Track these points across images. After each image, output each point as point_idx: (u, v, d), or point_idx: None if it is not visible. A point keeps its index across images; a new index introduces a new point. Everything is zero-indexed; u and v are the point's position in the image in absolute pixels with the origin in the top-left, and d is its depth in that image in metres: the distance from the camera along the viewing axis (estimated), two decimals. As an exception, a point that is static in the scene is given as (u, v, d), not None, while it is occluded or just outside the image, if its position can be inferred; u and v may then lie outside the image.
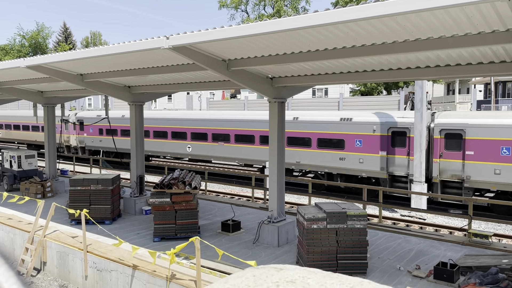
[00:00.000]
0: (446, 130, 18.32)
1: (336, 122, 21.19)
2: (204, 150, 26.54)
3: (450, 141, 18.25)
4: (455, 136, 18.10)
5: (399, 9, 5.39)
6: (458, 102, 45.43)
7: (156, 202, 11.54)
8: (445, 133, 18.39)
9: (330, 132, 21.31)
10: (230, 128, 25.23)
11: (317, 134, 21.85)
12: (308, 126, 22.23)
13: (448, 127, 18.26)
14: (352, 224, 9.09)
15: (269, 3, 58.63)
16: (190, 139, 27.30)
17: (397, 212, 18.87)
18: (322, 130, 21.59)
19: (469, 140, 17.69)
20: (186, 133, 27.51)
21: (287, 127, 22.73)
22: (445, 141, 18.39)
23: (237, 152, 24.95)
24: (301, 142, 22.68)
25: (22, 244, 12.82)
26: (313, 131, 21.98)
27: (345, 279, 1.66)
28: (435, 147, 18.58)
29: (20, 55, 59.39)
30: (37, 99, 18.79)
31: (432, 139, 18.84)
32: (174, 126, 28.05)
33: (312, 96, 49.27)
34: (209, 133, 26.19)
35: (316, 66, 9.73)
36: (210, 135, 26.13)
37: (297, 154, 22.67)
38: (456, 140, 18.11)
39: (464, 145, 17.78)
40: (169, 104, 60.88)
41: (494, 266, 9.01)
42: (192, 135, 27.23)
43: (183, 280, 9.02)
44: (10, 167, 18.90)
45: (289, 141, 22.91)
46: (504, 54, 7.71)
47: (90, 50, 9.80)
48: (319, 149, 21.85)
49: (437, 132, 18.55)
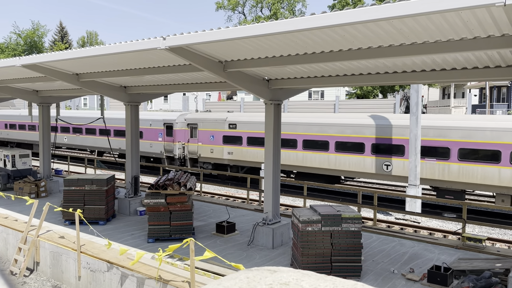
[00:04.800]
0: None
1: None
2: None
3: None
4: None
5: (395, 13, 5.41)
6: (453, 106, 45.67)
7: (151, 203, 11.50)
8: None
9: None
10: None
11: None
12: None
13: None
14: (346, 226, 9.10)
15: (266, 5, 58.75)
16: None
17: (391, 215, 18.91)
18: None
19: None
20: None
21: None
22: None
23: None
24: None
25: (15, 244, 12.73)
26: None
27: (339, 282, 1.66)
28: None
29: (15, 53, 59.10)
30: (32, 98, 18.71)
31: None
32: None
33: (308, 98, 49.35)
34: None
35: (312, 68, 9.75)
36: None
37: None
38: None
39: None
40: (165, 104, 60.76)
41: (487, 270, 9.05)
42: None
43: (176, 281, 8.99)
44: (4, 166, 18.78)
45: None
46: (499, 59, 7.75)
47: (86, 49, 9.76)
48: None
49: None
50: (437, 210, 19.63)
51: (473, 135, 17.51)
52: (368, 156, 20.09)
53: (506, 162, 16.89)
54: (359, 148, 20.34)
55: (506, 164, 16.91)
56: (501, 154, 16.99)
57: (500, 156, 16.99)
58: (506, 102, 42.94)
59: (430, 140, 18.58)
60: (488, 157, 17.27)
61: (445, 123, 18.43)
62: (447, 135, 18.16)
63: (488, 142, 17.20)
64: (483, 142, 17.33)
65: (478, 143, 17.44)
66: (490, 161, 17.23)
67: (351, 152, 20.62)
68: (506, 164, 16.91)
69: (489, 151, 17.22)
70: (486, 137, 17.26)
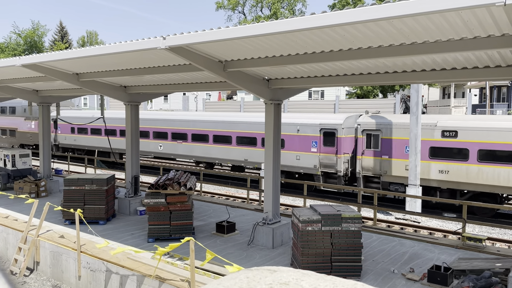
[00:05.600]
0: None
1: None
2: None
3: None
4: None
5: (395, 12, 5.41)
6: (454, 106, 45.66)
7: (151, 202, 11.50)
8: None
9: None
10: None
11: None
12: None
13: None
14: (346, 226, 9.10)
15: (266, 5, 58.73)
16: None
17: (391, 215, 18.91)
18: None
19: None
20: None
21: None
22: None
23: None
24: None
25: (15, 244, 12.73)
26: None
27: (339, 282, 1.65)
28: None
29: (15, 53, 59.07)
30: (32, 98, 18.71)
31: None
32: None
33: (309, 98, 49.35)
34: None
35: (312, 68, 9.75)
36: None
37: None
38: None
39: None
40: (165, 104, 60.70)
41: (487, 269, 9.05)
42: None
43: (176, 281, 8.99)
44: (4, 166, 18.79)
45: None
46: (499, 58, 7.75)
47: (86, 49, 9.76)
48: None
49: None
50: (437, 210, 19.63)
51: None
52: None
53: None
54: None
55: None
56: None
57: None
58: (506, 102, 42.93)
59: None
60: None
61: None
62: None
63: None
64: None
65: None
66: None
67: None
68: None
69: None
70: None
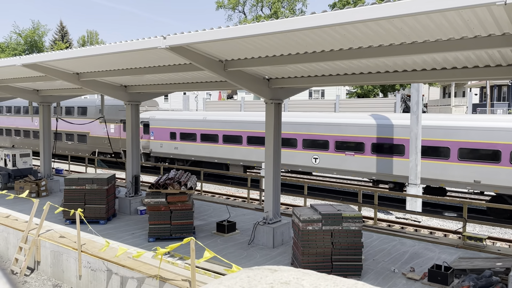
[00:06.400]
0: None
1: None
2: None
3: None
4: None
5: (396, 12, 5.40)
6: (454, 105, 45.63)
7: (152, 202, 11.50)
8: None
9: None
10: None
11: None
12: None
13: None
14: (347, 226, 9.10)
15: (267, 4, 58.71)
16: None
17: (392, 214, 18.91)
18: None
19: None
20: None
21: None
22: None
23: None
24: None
25: (16, 243, 12.74)
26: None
27: (340, 281, 1.66)
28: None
29: (15, 53, 59.08)
30: (32, 98, 18.71)
31: None
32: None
33: (309, 97, 49.32)
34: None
35: (312, 67, 9.74)
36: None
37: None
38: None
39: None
40: (165, 104, 60.71)
41: (488, 269, 9.05)
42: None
43: (177, 280, 9.00)
44: (5, 165, 18.80)
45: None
46: (500, 58, 7.75)
47: (87, 49, 9.76)
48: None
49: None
50: (438, 209, 19.63)
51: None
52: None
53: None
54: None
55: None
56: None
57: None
58: (506, 101, 42.89)
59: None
60: None
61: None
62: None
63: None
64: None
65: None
66: None
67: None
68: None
69: None
70: None
